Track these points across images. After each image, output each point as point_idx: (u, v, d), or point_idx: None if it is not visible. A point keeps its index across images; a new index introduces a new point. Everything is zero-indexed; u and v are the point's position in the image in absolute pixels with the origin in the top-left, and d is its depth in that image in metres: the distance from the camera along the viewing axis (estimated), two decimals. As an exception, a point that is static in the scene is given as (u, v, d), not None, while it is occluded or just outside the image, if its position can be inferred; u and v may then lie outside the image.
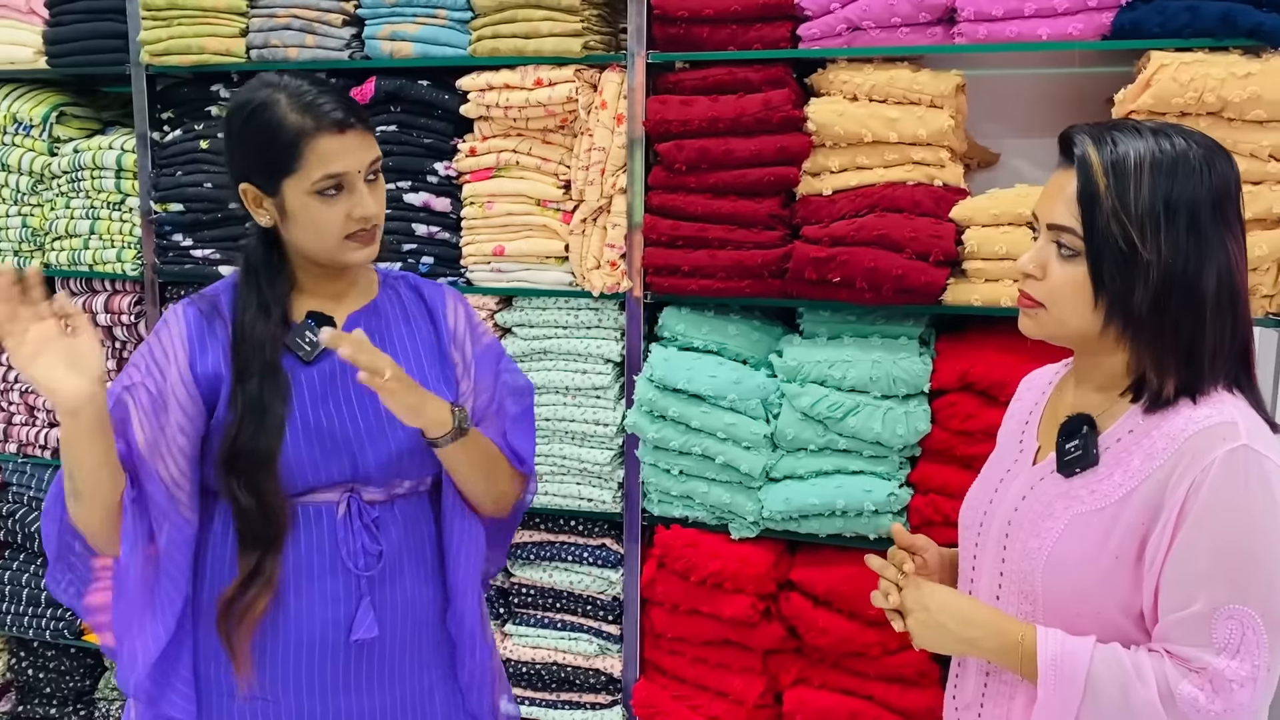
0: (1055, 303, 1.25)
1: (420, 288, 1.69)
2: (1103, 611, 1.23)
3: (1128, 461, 1.23)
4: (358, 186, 1.48)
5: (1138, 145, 1.20)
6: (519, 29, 2.27)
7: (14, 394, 2.87)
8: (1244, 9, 1.86)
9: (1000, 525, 1.34)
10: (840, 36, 2.11)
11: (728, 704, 2.33)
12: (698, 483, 2.27)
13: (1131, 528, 1.20)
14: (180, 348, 1.50)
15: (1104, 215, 1.19)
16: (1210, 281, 1.18)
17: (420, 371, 1.60)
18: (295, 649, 1.51)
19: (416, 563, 1.61)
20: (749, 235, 2.20)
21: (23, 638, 2.97)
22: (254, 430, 1.46)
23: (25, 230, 2.77)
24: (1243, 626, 1.15)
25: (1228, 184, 1.21)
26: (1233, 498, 1.15)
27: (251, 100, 1.48)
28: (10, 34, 2.70)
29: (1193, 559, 1.16)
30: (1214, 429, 1.17)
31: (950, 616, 1.30)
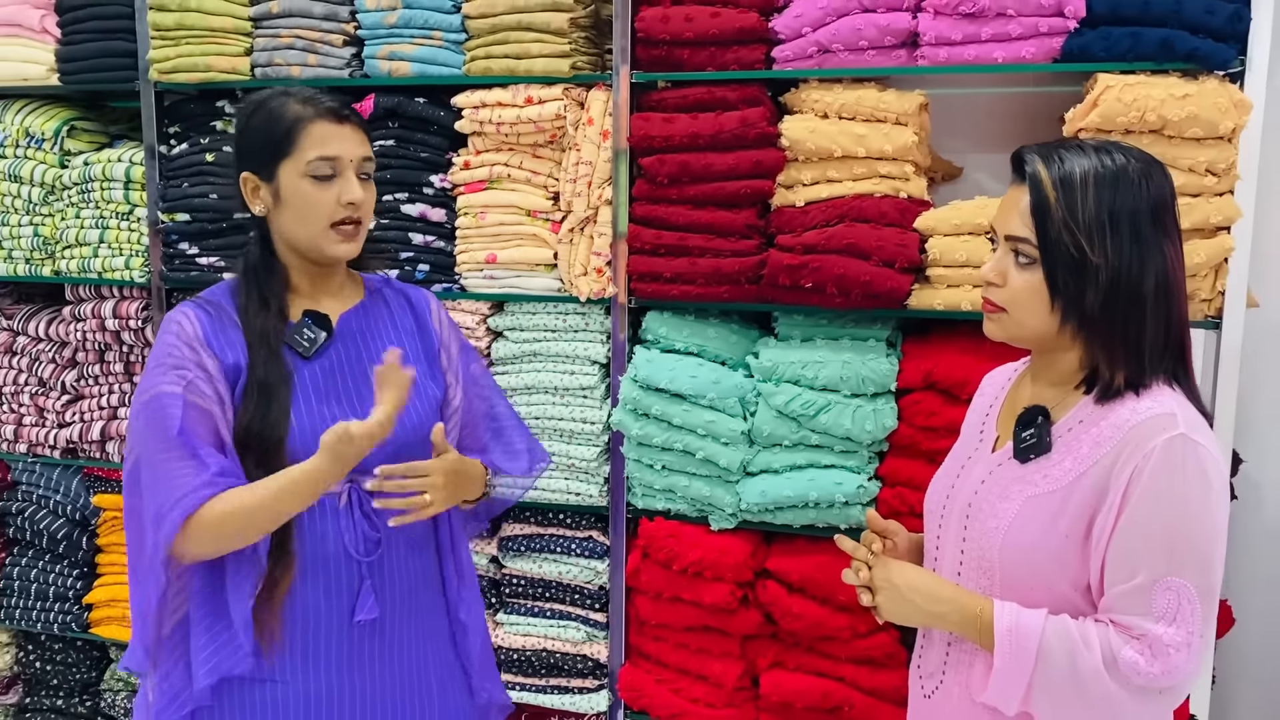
0: (1015, 306, 1.36)
1: (405, 291, 1.82)
2: (1054, 585, 1.34)
3: (1077, 449, 1.34)
4: (349, 175, 1.60)
5: (1083, 162, 1.31)
6: (511, 50, 2.40)
7: (24, 395, 2.97)
8: (1181, 36, 1.99)
9: (961, 508, 1.46)
10: (811, 58, 2.24)
11: (708, 687, 2.44)
12: (679, 477, 2.39)
13: (1080, 509, 1.31)
14: (201, 345, 1.58)
15: (1055, 226, 1.30)
16: (1151, 282, 1.30)
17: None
18: (303, 632, 1.61)
19: (412, 546, 1.71)
20: (727, 244, 2.33)
21: (30, 631, 3.07)
22: (263, 414, 1.56)
23: (37, 239, 2.88)
24: (1179, 597, 1.25)
25: (1164, 195, 1.32)
26: (1171, 482, 1.26)
27: (260, 98, 1.65)
28: (24, 52, 2.81)
29: (1135, 537, 1.27)
30: (1155, 419, 1.28)
31: (916, 592, 1.41)
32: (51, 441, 2.95)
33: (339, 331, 1.68)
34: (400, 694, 1.70)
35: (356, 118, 1.64)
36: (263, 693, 1.61)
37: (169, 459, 1.52)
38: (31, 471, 3.01)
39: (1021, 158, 1.36)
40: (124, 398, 2.89)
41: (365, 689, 1.66)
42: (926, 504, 1.56)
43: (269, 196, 1.62)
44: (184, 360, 1.56)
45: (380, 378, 1.52)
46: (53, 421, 2.96)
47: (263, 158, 1.61)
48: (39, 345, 2.96)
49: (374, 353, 1.70)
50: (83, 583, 3.00)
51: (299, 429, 1.59)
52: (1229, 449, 2.10)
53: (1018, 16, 2.08)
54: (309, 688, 1.62)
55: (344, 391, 1.65)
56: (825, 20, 2.21)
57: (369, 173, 1.65)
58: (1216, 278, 2.07)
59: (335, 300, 1.71)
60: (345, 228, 1.61)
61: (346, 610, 1.63)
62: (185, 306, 1.64)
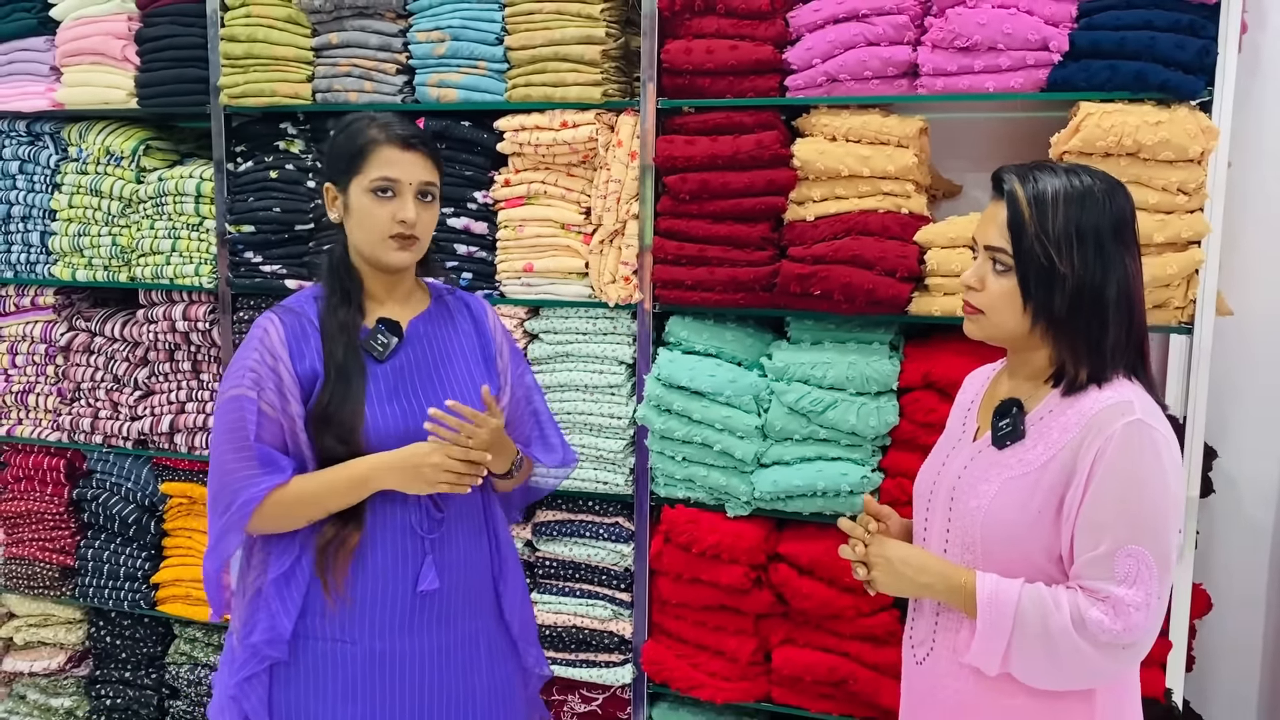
0: (993, 309, 1.52)
1: (465, 299, 2.02)
2: (1029, 556, 1.49)
3: (1047, 435, 1.49)
4: (406, 196, 1.79)
5: (1054, 182, 1.46)
6: (549, 79, 2.63)
7: (100, 391, 3.23)
8: (1155, 68, 2.18)
9: (947, 491, 1.61)
10: (821, 87, 2.45)
11: (724, 661, 2.63)
12: (698, 468, 2.59)
13: (1051, 488, 1.46)
14: (282, 349, 1.77)
15: (1029, 238, 1.45)
16: (1112, 290, 1.45)
17: (467, 369, 1.92)
18: (372, 598, 1.81)
19: (470, 525, 1.92)
20: (743, 255, 2.53)
21: (102, 608, 3.32)
22: (343, 396, 1.77)
23: (115, 248, 3.14)
24: (1138, 563, 1.40)
25: (1125, 213, 1.48)
26: (1129, 461, 1.41)
27: (350, 119, 1.86)
28: (106, 78, 3.07)
29: (1099, 510, 1.42)
30: (1114, 406, 1.43)
31: (907, 565, 1.56)
32: (124, 433, 3.20)
33: (408, 335, 1.87)
34: (454, 659, 1.88)
35: (426, 144, 1.82)
36: (334, 651, 1.80)
37: (240, 457, 1.76)
38: (105, 461, 3.26)
39: (1001, 177, 1.52)
40: (191, 393, 3.14)
41: (423, 653, 1.84)
42: (915, 490, 1.72)
43: (342, 206, 1.83)
44: (261, 366, 1.76)
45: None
46: (126, 415, 3.20)
47: (339, 171, 1.82)
48: (114, 345, 3.22)
49: (439, 355, 1.90)
50: (150, 564, 3.25)
51: (372, 418, 1.79)
52: (1200, 444, 2.29)
53: (1007, 50, 2.28)
54: (374, 648, 1.80)
55: (412, 389, 1.84)
56: (833, 53, 2.42)
57: (432, 194, 1.83)
58: (1189, 287, 2.25)
59: (404, 306, 1.90)
60: (400, 239, 1.80)
61: (410, 580, 1.82)
62: (271, 314, 1.82)
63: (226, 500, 1.77)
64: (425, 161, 1.82)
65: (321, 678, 1.81)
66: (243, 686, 1.80)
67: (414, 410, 1.82)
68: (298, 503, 1.77)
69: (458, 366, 1.92)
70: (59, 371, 3.30)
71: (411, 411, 1.82)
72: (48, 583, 3.36)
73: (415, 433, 1.80)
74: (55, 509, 3.33)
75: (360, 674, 1.81)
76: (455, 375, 1.91)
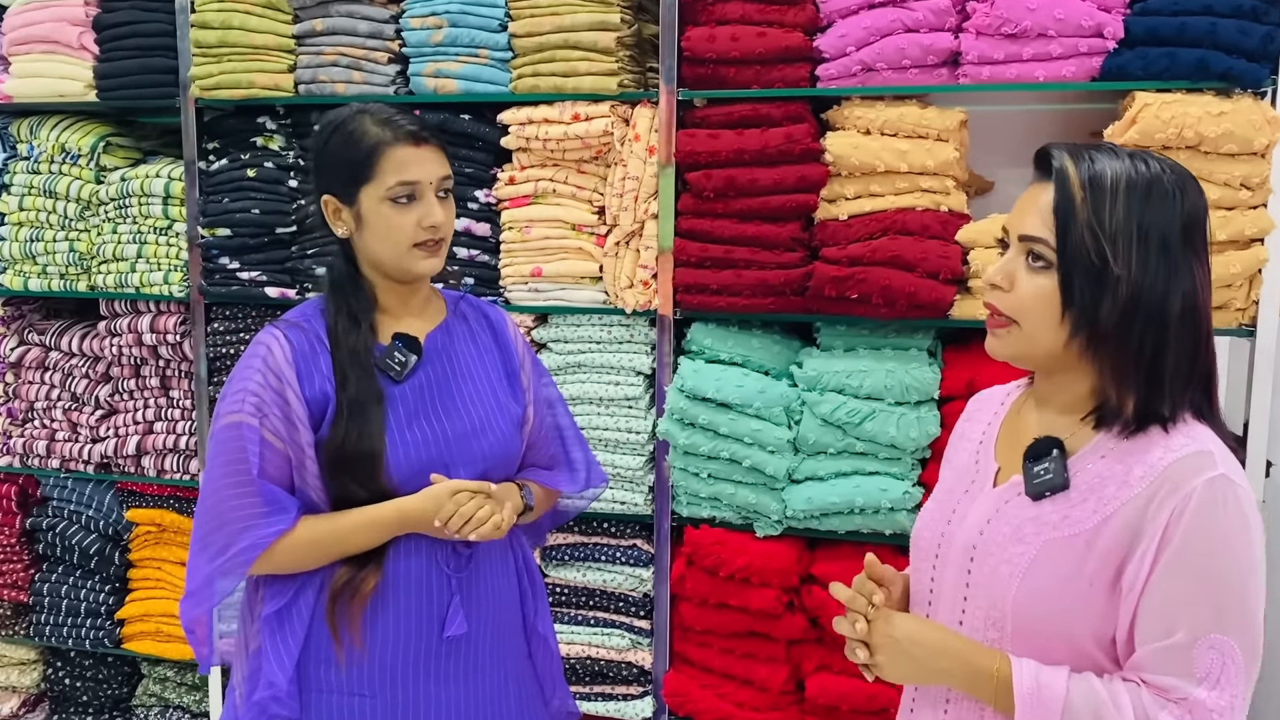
0: (1024, 315, 1.23)
1: (483, 309, 1.84)
2: (1073, 638, 1.20)
3: (1101, 488, 1.21)
4: (429, 197, 1.61)
5: (1115, 165, 1.20)
6: (558, 68, 2.45)
7: (57, 411, 2.97)
8: (1216, 56, 2.08)
9: (963, 549, 1.31)
10: (855, 76, 2.31)
11: (753, 691, 2.48)
12: (725, 485, 2.44)
13: (1107, 554, 1.19)
14: (289, 371, 1.58)
15: (1079, 227, 1.18)
16: (1175, 303, 1.18)
17: (489, 386, 1.74)
18: (394, 645, 1.62)
19: (498, 562, 1.74)
20: (772, 256, 2.38)
21: (60, 648, 3.06)
22: (359, 433, 1.58)
23: (72, 254, 2.89)
24: (1223, 657, 1.14)
25: (1198, 211, 1.22)
26: (1213, 527, 1.14)
27: (338, 118, 1.63)
28: (61, 68, 2.82)
29: (1174, 587, 1.14)
30: (1191, 458, 1.17)
31: (920, 648, 1.26)
32: (85, 456, 2.95)
33: (427, 352, 1.68)
34: (481, 710, 1.70)
35: (435, 137, 1.64)
36: (350, 706, 1.61)
37: (240, 494, 1.56)
38: (63, 487, 3.00)
39: (1048, 154, 1.25)
40: (160, 412, 2.90)
41: (450, 704, 1.66)
42: (915, 542, 1.41)
43: (350, 219, 1.62)
44: (265, 390, 1.57)
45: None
46: (86, 436, 2.96)
47: (342, 181, 1.61)
48: (72, 360, 2.96)
49: (459, 371, 1.72)
50: (114, 598, 3.00)
51: (392, 448, 1.60)
52: (1263, 457, 2.18)
53: (1059, 37, 2.16)
54: (396, 701, 1.62)
55: (433, 410, 1.66)
56: (869, 40, 2.27)
57: (448, 190, 1.66)
58: (1251, 287, 2.15)
59: (420, 320, 1.71)
60: (429, 245, 1.63)
61: (436, 625, 1.63)
62: (275, 329, 1.63)
63: (222, 542, 1.58)
64: (439, 155, 1.65)
65: None
66: None
67: (437, 435, 1.65)
68: (309, 548, 1.59)
69: (480, 383, 1.74)
70: (9, 390, 3.03)
71: (434, 436, 1.65)
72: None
73: (439, 459, 1.64)
74: (6, 540, 3.06)
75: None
76: (478, 393, 1.73)
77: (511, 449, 1.73)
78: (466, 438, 1.66)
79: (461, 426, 1.67)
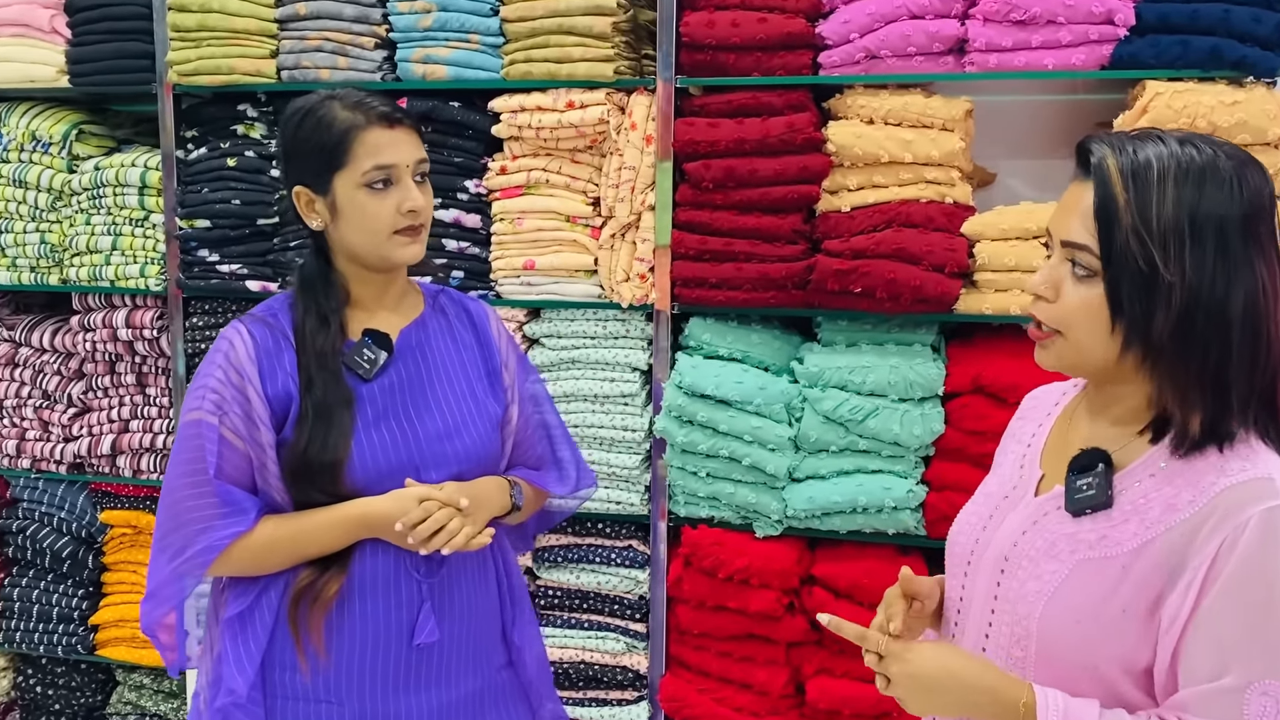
0: (1070, 328, 1.13)
1: (463, 303, 1.75)
2: (1100, 666, 1.13)
3: (1146, 510, 1.12)
4: (406, 181, 1.53)
5: (1160, 152, 1.08)
6: (551, 54, 2.36)
7: (27, 409, 2.86)
8: (1230, 44, 2.03)
9: (995, 559, 1.23)
10: (858, 64, 2.24)
11: (752, 695, 2.42)
12: (724, 484, 2.37)
13: (1145, 582, 1.10)
14: (251, 368, 1.52)
15: (1123, 232, 1.07)
16: (1237, 306, 1.06)
17: (467, 384, 1.66)
18: (360, 652, 1.55)
19: (475, 568, 1.65)
20: (773, 249, 2.32)
21: (30, 654, 2.95)
22: (322, 440, 1.50)
23: (44, 246, 2.78)
24: (1277, 705, 1.05)
25: (1261, 198, 1.08)
26: (1269, 561, 1.04)
27: (306, 105, 1.56)
28: (31, 53, 2.71)
29: (1223, 626, 1.05)
30: (1249, 484, 1.06)
31: (941, 682, 1.15)
32: (57, 456, 2.85)
33: (398, 349, 1.60)
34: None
35: (408, 119, 1.57)
36: (315, 713, 1.55)
37: (197, 494, 1.51)
38: (34, 488, 2.89)
39: (1088, 148, 1.13)
40: (136, 410, 2.79)
41: (422, 714, 1.59)
42: (951, 546, 1.32)
43: (325, 210, 1.54)
44: (226, 387, 1.51)
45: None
46: (58, 435, 2.85)
47: (315, 170, 1.53)
48: (43, 357, 2.86)
49: (434, 369, 1.64)
50: (88, 603, 2.90)
51: (358, 451, 1.53)
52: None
53: (1068, 24, 2.11)
54: (364, 710, 1.56)
55: (403, 410, 1.59)
56: (873, 26, 2.21)
57: (425, 173, 1.59)
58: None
59: (394, 314, 1.64)
60: (409, 231, 1.55)
61: (406, 632, 1.57)
62: (239, 324, 1.56)
63: (179, 543, 1.52)
64: (414, 137, 1.58)
65: None
66: None
67: (405, 437, 1.57)
68: (269, 550, 1.53)
69: (456, 382, 1.65)
70: (-23, 387, 2.91)
71: (402, 439, 1.57)
72: (-34, 627, 2.97)
73: (407, 462, 1.56)
74: (-26, 543, 2.94)
75: None
76: (454, 393, 1.64)
77: (489, 450, 1.65)
78: (439, 439, 1.59)
79: (434, 427, 1.59)
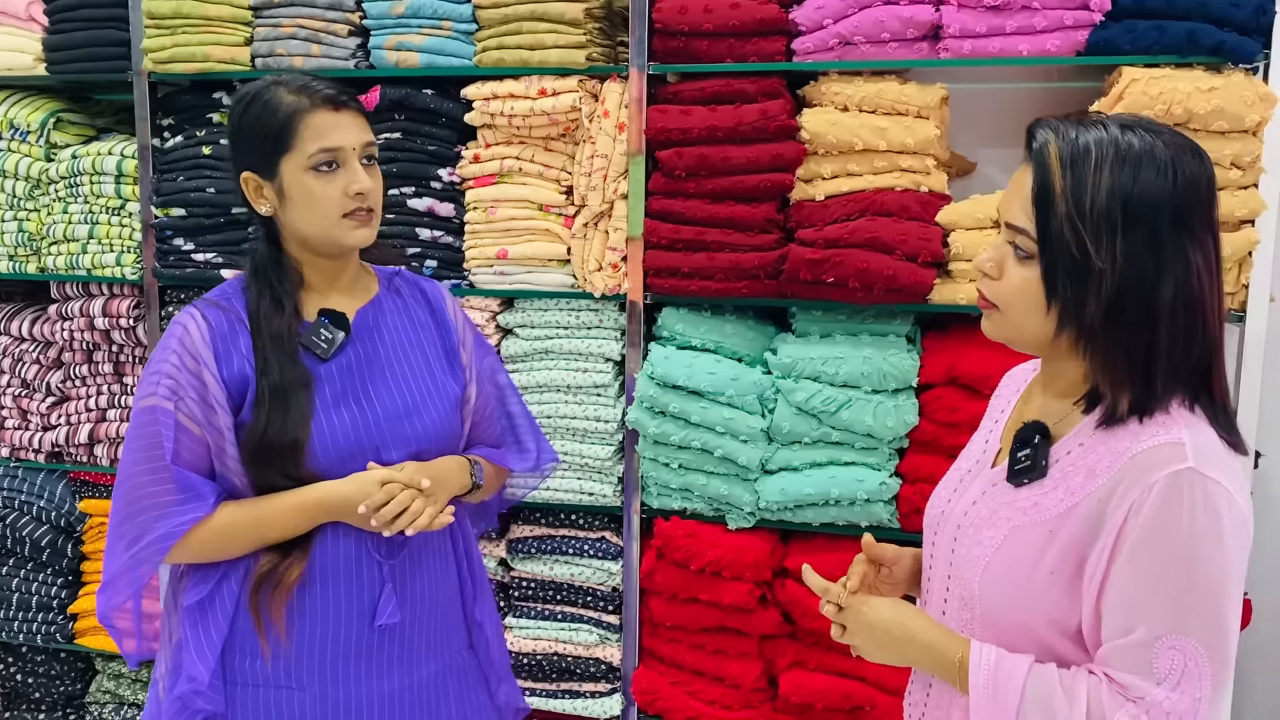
0: (1009, 305, 1.19)
1: (418, 283, 1.76)
2: (1035, 627, 1.19)
3: (1072, 476, 1.17)
4: (353, 164, 1.53)
5: (1100, 138, 1.11)
6: (524, 41, 2.34)
7: (6, 398, 2.86)
8: (1207, 29, 1.99)
9: (952, 528, 1.30)
10: (832, 50, 2.21)
11: (724, 688, 2.40)
12: (696, 475, 2.35)
13: (1069, 545, 1.15)
14: (206, 351, 1.52)
15: (1058, 218, 1.11)
16: (1167, 293, 1.10)
17: (425, 364, 1.66)
18: (322, 636, 1.55)
19: (436, 549, 1.66)
20: (746, 238, 2.29)
21: (10, 643, 2.95)
22: (281, 421, 1.50)
23: (21, 235, 2.77)
24: (1185, 658, 1.09)
25: (1197, 187, 1.12)
26: (1174, 523, 1.09)
27: (252, 91, 1.56)
28: (9, 41, 2.70)
29: (1132, 585, 1.11)
30: (1159, 449, 1.11)
31: (890, 635, 1.26)
32: (35, 445, 2.84)
33: (356, 328, 1.61)
34: (418, 703, 1.63)
35: (354, 102, 1.57)
36: (278, 700, 1.55)
37: (154, 480, 1.50)
38: (14, 476, 2.89)
39: (1032, 131, 1.18)
40: (113, 399, 2.79)
41: (385, 697, 1.60)
42: (925, 515, 1.39)
43: (273, 195, 1.54)
44: (180, 371, 1.50)
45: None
46: (37, 424, 2.85)
47: (261, 155, 1.53)
48: (22, 345, 2.85)
49: (391, 349, 1.64)
50: (67, 591, 2.89)
51: (318, 432, 1.53)
52: (1252, 444, 2.10)
53: (1043, 9, 2.07)
54: (326, 695, 1.56)
55: (361, 391, 1.59)
56: (847, 12, 2.18)
57: (373, 156, 1.59)
58: (1241, 271, 2.07)
59: (349, 296, 1.64)
60: (359, 214, 1.55)
61: (367, 614, 1.57)
62: (193, 308, 1.56)
63: (135, 531, 1.52)
64: (360, 120, 1.58)
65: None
66: None
67: (365, 417, 1.57)
68: (228, 535, 1.52)
69: (414, 362, 1.66)
70: (-43, 376, 2.91)
71: (362, 419, 1.57)
72: (-53, 615, 2.97)
73: (367, 443, 1.57)
74: (-45, 531, 2.94)
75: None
76: (411, 372, 1.65)
77: (448, 429, 1.65)
78: (398, 418, 1.59)
79: (393, 406, 1.59)
